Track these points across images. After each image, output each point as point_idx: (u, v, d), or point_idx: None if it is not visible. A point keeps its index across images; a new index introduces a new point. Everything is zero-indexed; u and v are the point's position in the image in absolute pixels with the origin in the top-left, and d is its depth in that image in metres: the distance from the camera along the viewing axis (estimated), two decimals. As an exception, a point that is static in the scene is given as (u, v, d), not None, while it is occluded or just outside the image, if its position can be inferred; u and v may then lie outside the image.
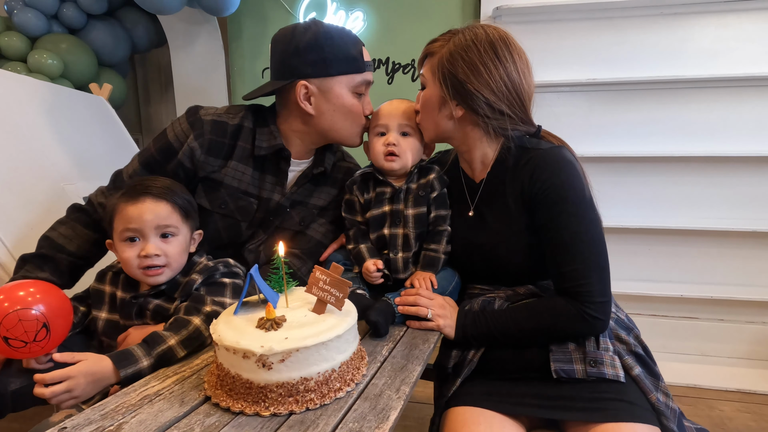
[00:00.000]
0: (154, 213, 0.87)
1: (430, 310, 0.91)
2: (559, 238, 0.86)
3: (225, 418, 0.61)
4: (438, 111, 0.95)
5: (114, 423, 0.59)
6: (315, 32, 0.98)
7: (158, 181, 0.92)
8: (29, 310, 0.74)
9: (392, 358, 0.79)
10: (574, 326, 0.85)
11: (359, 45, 1.03)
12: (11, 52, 1.98)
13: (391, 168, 1.01)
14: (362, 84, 1.03)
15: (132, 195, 0.88)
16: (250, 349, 0.61)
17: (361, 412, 0.62)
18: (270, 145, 1.04)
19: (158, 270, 0.87)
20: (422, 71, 0.97)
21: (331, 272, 0.72)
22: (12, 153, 1.31)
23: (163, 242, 0.88)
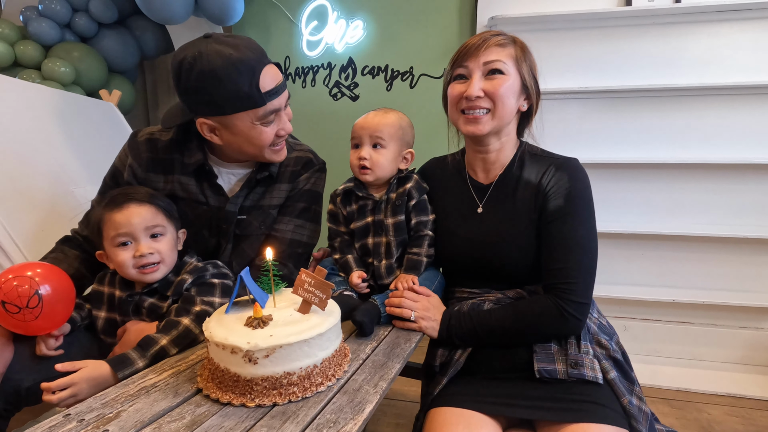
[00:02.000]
0: (140, 216, 0.94)
1: (414, 312, 0.96)
2: (560, 237, 0.93)
3: (214, 408, 0.66)
4: (516, 99, 0.99)
5: (113, 411, 0.65)
6: (200, 71, 0.88)
7: (137, 189, 1.00)
8: (25, 276, 0.80)
9: (374, 356, 0.84)
10: (552, 323, 0.90)
11: (256, 77, 0.91)
12: (26, 60, 2.07)
13: (366, 180, 1.06)
14: (268, 114, 0.96)
15: (116, 204, 0.94)
16: (237, 345, 0.66)
17: (339, 404, 0.67)
18: (194, 161, 1.05)
19: (154, 267, 0.94)
20: (495, 57, 0.95)
21: (315, 275, 0.77)
22: (26, 158, 1.39)
23: (154, 241, 0.95)
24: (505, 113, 0.97)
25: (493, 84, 0.95)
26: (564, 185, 0.96)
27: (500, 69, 0.95)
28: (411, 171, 1.11)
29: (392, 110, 1.10)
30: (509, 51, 0.96)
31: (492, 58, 0.95)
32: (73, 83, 2.14)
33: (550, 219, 0.95)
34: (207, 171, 1.06)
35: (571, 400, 0.84)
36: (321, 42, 2.29)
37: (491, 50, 0.95)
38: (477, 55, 0.96)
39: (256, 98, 0.92)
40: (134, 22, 2.45)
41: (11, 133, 1.35)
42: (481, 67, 0.96)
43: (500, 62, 0.95)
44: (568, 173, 0.97)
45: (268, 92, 0.93)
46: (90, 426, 0.61)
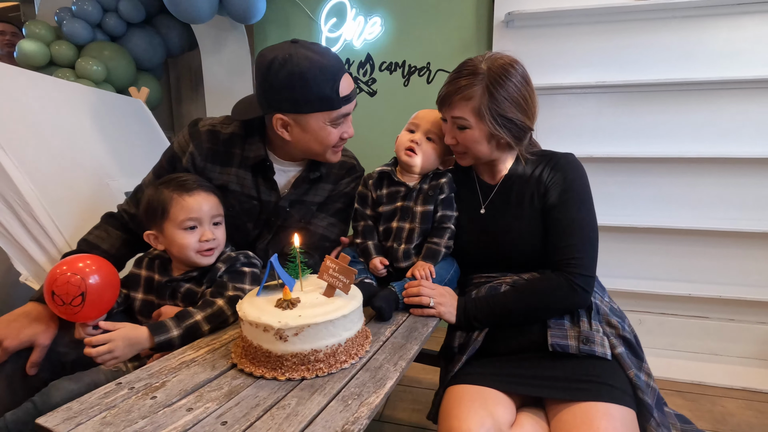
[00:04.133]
0: (210, 204, 1.01)
1: (432, 299, 1.01)
2: (563, 218, 1.02)
3: (248, 380, 0.73)
4: (487, 144, 1.05)
5: (159, 381, 0.72)
6: (289, 71, 0.97)
7: (199, 178, 1.06)
8: (76, 275, 0.85)
9: (393, 339, 0.90)
10: (564, 298, 0.97)
11: (337, 82, 1.01)
12: (61, 59, 2.18)
13: (407, 162, 1.11)
14: (339, 117, 1.05)
15: (186, 189, 1.00)
16: (269, 323, 0.73)
17: (362, 380, 0.73)
18: (255, 156, 1.11)
19: (212, 252, 1.01)
20: (458, 114, 1.02)
21: (339, 261, 0.83)
22: (64, 153, 1.48)
23: (216, 228, 1.03)
24: (480, 154, 1.07)
25: (459, 135, 1.06)
26: (562, 177, 1.04)
27: (464, 125, 1.03)
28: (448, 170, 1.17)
29: None
30: (473, 104, 1.00)
31: (455, 114, 1.03)
32: (104, 81, 2.24)
33: (552, 205, 1.03)
34: (267, 166, 1.13)
35: (580, 379, 0.88)
36: (340, 39, 2.34)
37: (455, 105, 1.02)
38: (446, 108, 1.05)
39: (334, 101, 1.02)
40: (160, 21, 2.54)
41: (53, 129, 1.44)
42: (450, 118, 1.05)
43: (462, 119, 1.03)
44: (564, 166, 1.06)
45: (345, 97, 1.04)
46: (140, 393, 0.68)
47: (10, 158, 1.17)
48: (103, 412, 0.63)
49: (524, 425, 0.86)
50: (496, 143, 1.06)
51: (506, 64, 1.01)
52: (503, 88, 0.99)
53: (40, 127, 1.37)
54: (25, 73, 1.44)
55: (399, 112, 2.30)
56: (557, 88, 1.99)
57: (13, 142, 1.21)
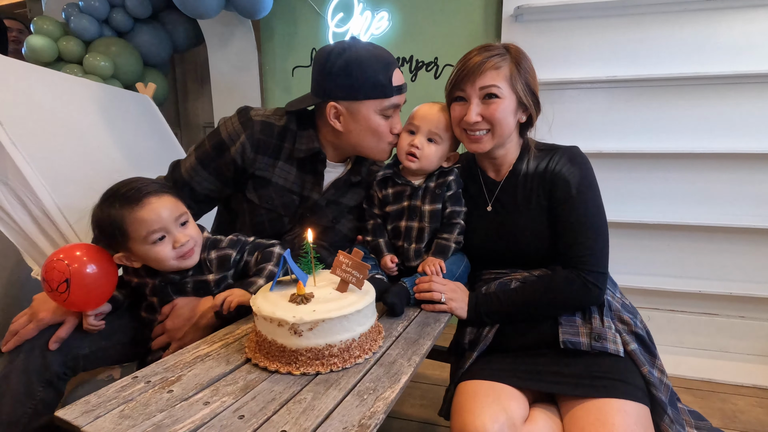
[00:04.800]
0: (167, 208, 0.92)
1: (444, 295, 1.01)
2: (574, 216, 1.00)
3: (263, 375, 0.73)
4: (514, 117, 1.03)
5: (175, 375, 0.72)
6: (347, 58, 1.02)
7: (143, 181, 0.95)
8: (63, 261, 0.85)
9: (406, 334, 0.89)
10: (576, 295, 0.96)
11: (390, 71, 1.05)
12: (69, 55, 2.18)
13: (409, 167, 1.10)
14: (389, 108, 1.07)
15: (134, 201, 0.89)
16: (284, 318, 0.73)
17: (376, 374, 0.73)
18: (308, 148, 1.11)
19: (192, 251, 0.96)
20: (490, 82, 0.98)
21: (352, 256, 0.82)
22: (74, 148, 1.48)
23: (185, 228, 0.95)
24: (504, 132, 1.03)
25: (489, 108, 1.00)
26: (568, 171, 1.02)
27: (495, 93, 0.99)
28: (453, 166, 1.14)
29: None
30: (504, 72, 0.99)
31: (487, 83, 0.99)
32: (111, 77, 2.24)
33: (560, 203, 1.02)
34: (320, 159, 1.13)
35: (593, 375, 0.88)
36: (347, 34, 2.33)
37: (487, 75, 0.98)
38: (473, 80, 0.99)
39: (387, 89, 1.05)
40: (166, 17, 2.53)
41: (63, 124, 1.45)
42: (477, 91, 1.00)
43: (495, 87, 0.99)
44: (570, 160, 1.04)
45: (397, 87, 1.06)
46: (156, 386, 0.68)
47: (21, 153, 1.17)
48: (120, 405, 0.63)
49: (537, 421, 0.86)
50: (517, 121, 1.05)
51: (520, 48, 1.03)
52: (525, 63, 1.02)
53: (49, 122, 1.37)
54: (35, 69, 1.45)
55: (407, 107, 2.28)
56: (567, 82, 1.97)
57: (24, 138, 1.21)
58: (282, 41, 2.44)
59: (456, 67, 1.03)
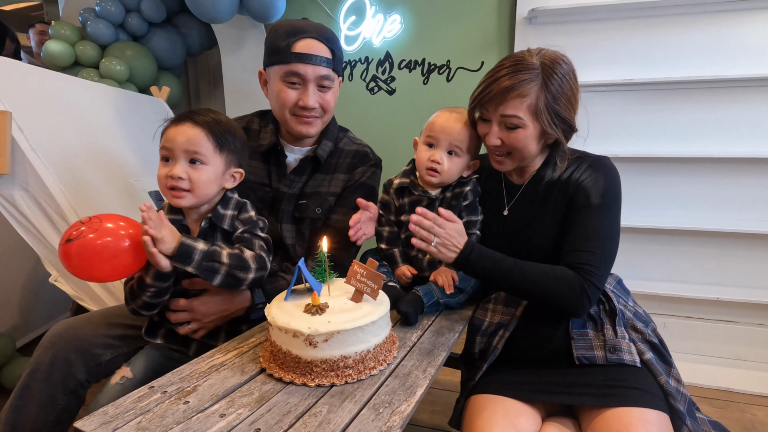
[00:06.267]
0: (186, 137, 0.88)
1: (435, 239, 0.92)
2: (591, 222, 0.96)
3: (278, 386, 0.73)
4: (537, 143, 0.99)
5: (190, 385, 0.73)
6: (271, 27, 1.11)
7: (209, 112, 0.93)
8: (87, 219, 0.81)
9: (420, 344, 0.89)
10: (569, 296, 0.91)
11: (293, 38, 1.05)
12: (85, 59, 2.21)
13: (430, 182, 1.08)
14: (288, 75, 1.06)
15: (178, 118, 0.91)
16: (299, 329, 0.72)
17: (392, 387, 0.73)
18: (268, 142, 1.16)
19: (181, 193, 0.89)
20: (512, 113, 0.94)
21: (367, 266, 0.82)
22: (91, 154, 1.50)
23: (191, 168, 0.89)
24: (525, 156, 1.01)
25: (510, 136, 0.97)
26: (592, 181, 0.98)
27: (516, 124, 0.96)
28: (472, 176, 1.12)
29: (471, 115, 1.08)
30: (528, 101, 0.93)
31: (509, 112, 0.95)
32: (127, 81, 2.27)
33: (578, 209, 0.97)
34: (278, 151, 1.17)
35: (611, 385, 0.86)
36: (359, 37, 2.33)
37: (509, 104, 0.94)
38: (495, 106, 0.96)
39: (284, 55, 1.06)
40: (180, 21, 2.56)
41: (80, 130, 1.47)
42: (499, 117, 0.97)
43: (516, 118, 0.95)
44: (599, 170, 0.99)
45: (297, 54, 1.06)
46: (173, 397, 0.69)
47: (41, 159, 1.19)
48: (138, 417, 0.63)
49: (550, 436, 0.85)
50: (543, 143, 1.01)
51: (558, 58, 0.95)
52: (559, 85, 0.94)
53: (67, 128, 1.40)
54: (53, 74, 1.47)
55: (418, 111, 2.28)
56: (582, 86, 1.91)
57: (43, 143, 1.23)
58: (294, 44, 2.45)
59: (482, 83, 0.98)
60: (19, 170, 1.15)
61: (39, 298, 2.01)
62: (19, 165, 1.15)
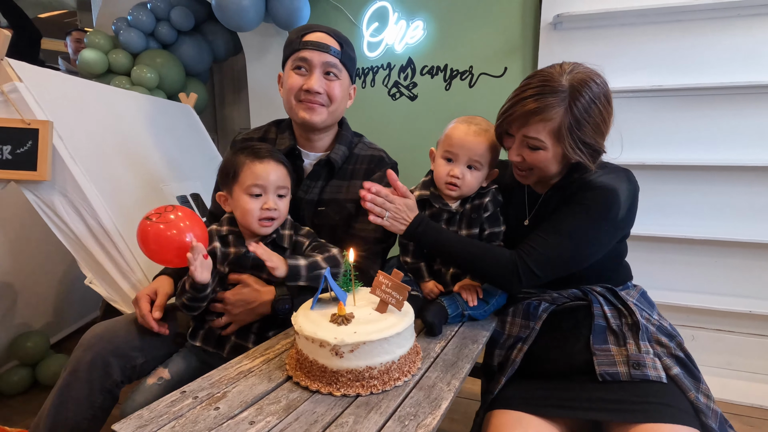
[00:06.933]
0: (277, 174, 1.03)
1: (387, 214, 1.02)
2: (557, 216, 0.97)
3: (304, 394, 0.74)
4: (559, 164, 0.98)
5: (220, 390, 0.75)
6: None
7: (272, 148, 1.07)
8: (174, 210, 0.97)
9: (444, 355, 0.89)
10: (499, 271, 0.97)
11: (305, 31, 1.12)
12: (118, 67, 2.29)
13: (449, 195, 1.08)
14: (297, 61, 1.10)
15: (259, 156, 1.02)
16: (325, 339, 0.74)
17: (416, 399, 0.73)
18: (285, 147, 1.17)
19: (271, 222, 1.02)
20: (534, 135, 0.94)
21: (392, 277, 0.83)
22: (124, 160, 1.56)
23: (279, 200, 1.03)
24: (548, 174, 1.00)
25: (531, 155, 0.97)
26: (601, 184, 0.95)
27: (537, 146, 0.95)
28: (491, 186, 1.11)
29: (489, 125, 1.07)
30: (552, 125, 0.91)
31: (531, 134, 0.94)
32: (156, 87, 2.34)
33: (568, 203, 0.98)
34: (297, 154, 1.18)
35: (637, 401, 0.84)
36: (381, 43, 2.34)
37: (532, 127, 0.93)
38: (518, 127, 0.96)
39: (296, 44, 1.11)
40: (207, 28, 2.63)
41: (113, 137, 1.52)
42: (521, 137, 0.97)
43: (537, 140, 0.94)
44: (612, 178, 0.97)
45: (307, 41, 1.10)
46: (204, 403, 0.71)
47: (79, 167, 1.24)
48: (171, 422, 0.66)
49: (571, 454, 0.83)
50: (565, 163, 1.00)
51: (589, 80, 0.91)
52: (585, 110, 0.90)
53: (102, 136, 1.45)
54: (89, 84, 1.53)
55: (440, 117, 2.28)
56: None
57: (81, 152, 1.28)
58: (317, 51, 2.48)
59: (508, 101, 0.97)
60: (59, 177, 1.21)
61: (71, 298, 2.09)
62: (59, 172, 1.21)
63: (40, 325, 1.93)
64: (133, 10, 2.33)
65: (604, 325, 0.96)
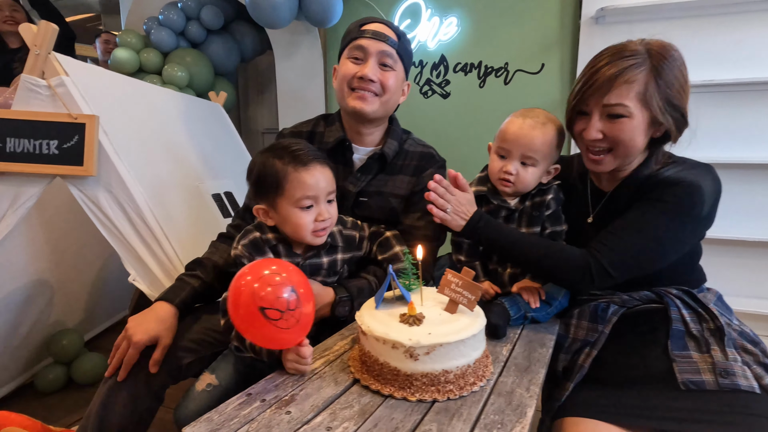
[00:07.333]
0: (326, 180, 0.92)
1: (449, 207, 0.98)
2: (631, 217, 0.90)
3: (376, 399, 0.70)
4: (644, 135, 0.91)
5: (287, 393, 0.71)
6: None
7: (308, 146, 0.94)
8: (275, 277, 0.72)
9: (514, 359, 0.84)
10: (571, 271, 0.91)
11: (364, 21, 1.11)
12: (149, 66, 2.29)
13: (503, 191, 1.04)
14: (353, 49, 1.09)
15: (302, 162, 0.89)
16: (399, 340, 0.69)
17: (498, 406, 0.68)
18: (335, 139, 1.15)
19: (325, 231, 0.94)
20: (617, 101, 0.87)
21: (463, 276, 0.78)
22: (163, 157, 1.53)
23: (330, 206, 0.94)
24: (628, 153, 0.92)
25: (613, 128, 0.90)
26: (680, 179, 0.89)
27: (621, 113, 0.88)
28: (553, 182, 1.06)
29: (549, 118, 1.00)
30: (637, 88, 0.86)
31: (613, 101, 0.87)
32: (186, 86, 2.34)
33: (644, 199, 0.91)
34: (347, 145, 1.16)
35: (727, 412, 0.78)
36: (413, 40, 2.30)
37: (615, 92, 0.87)
38: (599, 97, 0.89)
39: (354, 33, 1.10)
40: (235, 28, 2.62)
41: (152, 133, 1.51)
42: (601, 108, 0.90)
43: (621, 106, 0.87)
44: (694, 173, 0.90)
45: (365, 30, 1.09)
46: (273, 406, 0.67)
47: (123, 163, 1.22)
48: (244, 425, 0.62)
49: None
50: (650, 136, 0.93)
51: (666, 45, 0.88)
52: (669, 70, 0.86)
53: (142, 131, 1.43)
54: (130, 81, 1.52)
55: (473, 115, 2.23)
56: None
57: (124, 147, 1.26)
58: (347, 49, 2.45)
59: (582, 77, 0.92)
60: (104, 173, 1.19)
61: (103, 296, 2.08)
62: (104, 167, 1.19)
63: (73, 324, 1.92)
64: (164, 9, 2.33)
65: (683, 330, 0.90)
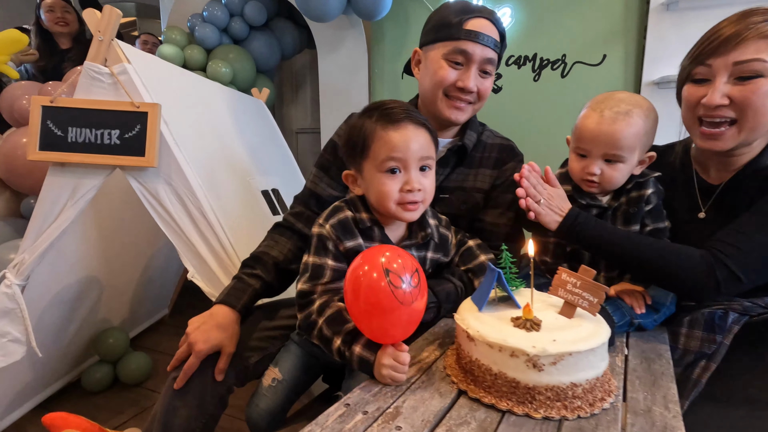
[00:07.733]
0: (419, 142, 0.78)
1: (543, 200, 0.89)
2: (755, 209, 0.81)
3: (493, 414, 0.61)
4: None
5: (387, 404, 0.62)
6: (439, 6, 1.03)
7: (410, 108, 0.81)
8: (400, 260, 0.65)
9: (633, 371, 0.74)
10: (690, 276, 0.80)
11: (465, 14, 0.97)
12: (193, 62, 2.27)
13: (589, 191, 0.94)
14: (454, 52, 0.97)
15: (392, 118, 0.78)
16: (520, 347, 0.60)
17: (640, 427, 0.58)
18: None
19: (417, 205, 0.80)
20: (751, 56, 0.76)
21: (581, 275, 0.69)
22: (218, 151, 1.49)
23: (423, 176, 0.80)
24: (758, 124, 0.80)
25: (743, 90, 0.77)
26: None
27: (758, 71, 0.76)
28: (652, 174, 0.94)
29: (634, 102, 0.88)
30: None
31: (747, 57, 0.76)
32: (230, 83, 2.31)
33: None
34: None
35: None
36: (462, 33, 2.22)
37: (748, 45, 0.76)
38: (726, 53, 0.77)
39: (454, 31, 0.97)
40: (276, 24, 2.59)
41: (208, 127, 1.46)
42: (729, 67, 0.78)
43: (759, 62, 0.75)
44: None
45: (468, 31, 0.97)
46: (379, 420, 0.59)
47: (183, 155, 1.17)
48: (354, 443, 0.54)
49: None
50: None
51: None
52: None
53: (201, 124, 1.39)
54: (186, 73, 1.48)
55: (528, 109, 2.13)
56: None
57: (184, 139, 1.22)
58: (392, 43, 2.38)
59: (700, 40, 0.83)
60: (164, 164, 1.14)
61: (145, 295, 2.06)
62: (164, 159, 1.14)
63: (118, 322, 1.90)
64: (208, 6, 2.31)
65: None
